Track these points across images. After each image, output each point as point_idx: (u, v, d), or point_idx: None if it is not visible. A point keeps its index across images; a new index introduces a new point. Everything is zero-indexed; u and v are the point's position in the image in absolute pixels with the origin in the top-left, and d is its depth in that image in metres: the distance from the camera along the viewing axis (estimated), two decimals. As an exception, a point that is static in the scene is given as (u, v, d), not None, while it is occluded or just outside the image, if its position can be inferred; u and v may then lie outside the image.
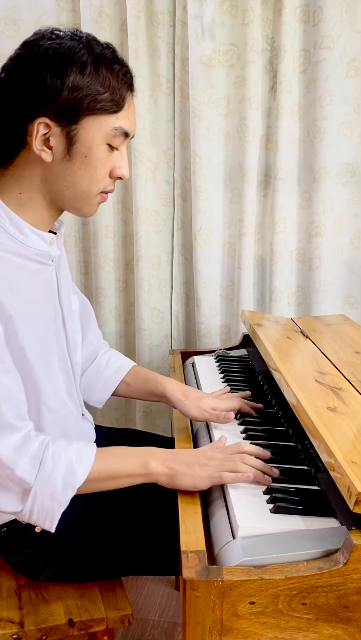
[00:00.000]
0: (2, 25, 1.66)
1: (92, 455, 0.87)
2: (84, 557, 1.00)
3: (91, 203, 0.94)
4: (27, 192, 0.90)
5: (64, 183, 0.90)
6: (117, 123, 0.89)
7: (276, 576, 0.67)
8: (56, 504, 0.84)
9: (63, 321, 1.02)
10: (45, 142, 0.86)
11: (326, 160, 1.57)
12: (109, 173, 0.92)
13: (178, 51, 1.61)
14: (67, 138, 0.86)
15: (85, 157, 0.88)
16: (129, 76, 0.91)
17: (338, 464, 0.74)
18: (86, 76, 0.84)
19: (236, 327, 1.75)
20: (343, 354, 1.20)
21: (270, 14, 1.55)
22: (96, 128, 0.87)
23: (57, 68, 0.83)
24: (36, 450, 0.84)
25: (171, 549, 0.94)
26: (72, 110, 0.85)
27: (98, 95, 0.85)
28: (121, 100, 0.89)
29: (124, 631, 1.49)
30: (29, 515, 0.85)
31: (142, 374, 1.22)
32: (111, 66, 0.87)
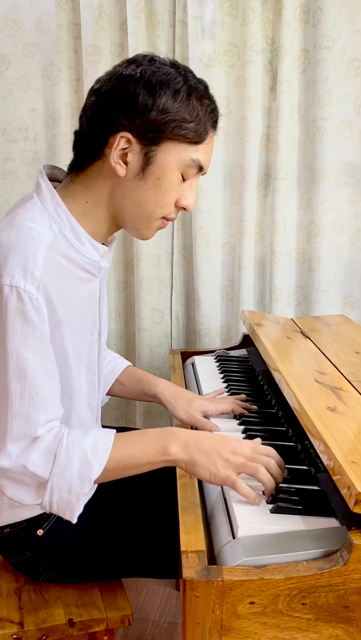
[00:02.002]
0: (2, 25, 1.66)
1: (108, 446, 0.86)
2: (84, 560, 1.00)
3: (151, 226, 0.94)
4: (93, 202, 0.92)
5: (131, 200, 0.90)
6: (195, 155, 0.89)
7: (276, 576, 0.67)
8: (74, 497, 0.84)
9: (99, 334, 1.02)
10: (123, 157, 0.88)
11: (326, 160, 1.57)
12: (176, 202, 0.93)
13: (178, 51, 1.61)
14: (145, 157, 0.87)
15: (158, 179, 0.89)
16: (216, 114, 0.92)
17: (338, 464, 0.74)
18: (177, 102, 0.86)
19: (236, 327, 1.75)
20: (343, 354, 1.20)
21: (270, 14, 1.55)
22: (174, 154, 0.88)
23: (152, 88, 0.85)
24: (50, 444, 0.84)
25: (170, 552, 0.94)
26: (157, 131, 0.86)
27: (184, 122, 0.86)
28: (204, 133, 0.89)
29: (124, 631, 1.49)
30: (50, 506, 0.85)
31: (136, 375, 1.22)
32: (201, 99, 0.89)
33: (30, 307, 0.82)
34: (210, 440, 0.87)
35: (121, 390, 1.23)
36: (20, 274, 0.81)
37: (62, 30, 1.66)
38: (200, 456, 0.84)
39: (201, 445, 0.86)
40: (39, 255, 0.83)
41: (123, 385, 1.22)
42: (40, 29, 1.66)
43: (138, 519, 1.00)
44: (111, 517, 1.00)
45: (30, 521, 0.98)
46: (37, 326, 0.83)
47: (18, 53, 1.68)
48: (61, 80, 1.69)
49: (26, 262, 0.82)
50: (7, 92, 1.70)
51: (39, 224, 0.87)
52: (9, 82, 1.70)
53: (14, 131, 1.74)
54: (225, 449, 0.85)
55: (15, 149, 1.75)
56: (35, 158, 1.76)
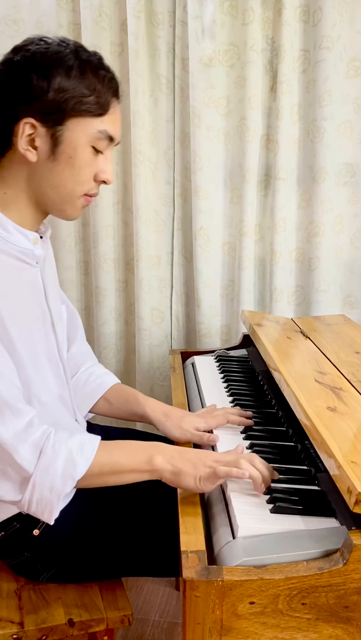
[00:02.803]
0: (2, 25, 1.66)
1: (94, 448, 0.86)
2: (83, 559, 1.00)
3: (75, 205, 0.95)
4: (12, 191, 0.92)
5: (48, 183, 0.91)
6: (101, 126, 0.90)
7: (276, 576, 0.67)
8: (55, 496, 0.83)
9: (53, 325, 1.01)
10: (31, 143, 0.88)
11: (326, 160, 1.57)
12: (94, 177, 0.93)
13: (178, 51, 1.61)
14: (52, 139, 0.88)
15: (69, 158, 0.89)
16: (115, 83, 0.92)
17: (338, 464, 0.74)
18: (71, 79, 0.86)
19: (236, 327, 1.75)
20: (343, 354, 1.20)
21: (270, 14, 1.55)
22: (80, 130, 0.88)
23: (44, 70, 0.85)
24: (38, 439, 0.84)
25: (170, 551, 0.94)
26: (58, 111, 0.86)
27: (84, 97, 0.87)
28: (106, 104, 0.90)
29: (124, 631, 1.49)
30: (28, 505, 0.84)
31: (124, 393, 1.17)
32: (97, 71, 0.89)
33: None
34: (194, 452, 0.89)
35: (108, 409, 1.18)
36: None
37: (62, 30, 1.66)
38: (184, 465, 0.86)
39: (185, 455, 0.88)
40: None
41: (110, 403, 1.17)
42: (40, 29, 1.66)
43: (137, 515, 1.00)
44: (110, 515, 1.00)
45: (24, 522, 0.97)
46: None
47: (18, 53, 1.67)
48: (61, 80, 1.69)
49: None
50: (7, 92, 1.70)
51: None
52: (9, 82, 1.70)
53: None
54: (209, 458, 0.87)
55: None
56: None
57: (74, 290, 1.87)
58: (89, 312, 1.91)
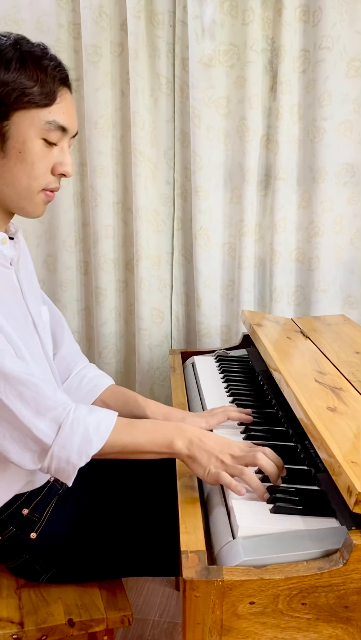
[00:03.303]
0: (2, 25, 1.66)
1: (110, 426, 0.88)
2: (82, 560, 1.00)
3: (34, 202, 0.92)
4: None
5: (2, 181, 0.89)
6: (50, 117, 0.87)
7: (276, 576, 0.67)
8: (71, 467, 0.86)
9: (35, 326, 1.01)
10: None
11: (326, 160, 1.57)
12: (51, 170, 0.91)
13: (178, 51, 1.61)
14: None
15: (19, 152, 0.87)
16: (61, 70, 0.89)
17: (338, 464, 0.74)
18: (11, 72, 0.84)
19: (236, 327, 1.75)
20: (343, 354, 1.20)
21: (270, 14, 1.55)
22: (27, 123, 0.86)
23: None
24: (58, 415, 0.86)
25: (170, 550, 0.94)
26: (1, 105, 0.84)
27: (26, 89, 0.85)
28: (52, 93, 0.87)
29: (124, 631, 1.49)
30: (47, 470, 0.87)
31: (123, 395, 1.16)
32: (39, 61, 0.86)
33: None
34: (214, 441, 0.89)
35: None
36: None
37: (62, 30, 1.66)
38: (200, 454, 0.87)
39: (204, 445, 0.88)
40: None
41: (108, 406, 1.14)
42: (40, 29, 1.66)
43: (136, 515, 1.00)
44: (108, 515, 1.00)
45: (21, 527, 0.97)
46: None
47: (18, 53, 1.67)
48: (61, 80, 1.69)
49: None
50: (7, 92, 1.70)
51: None
52: (9, 82, 1.70)
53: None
54: (225, 450, 0.87)
55: None
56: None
57: (74, 290, 1.87)
58: (89, 312, 1.91)
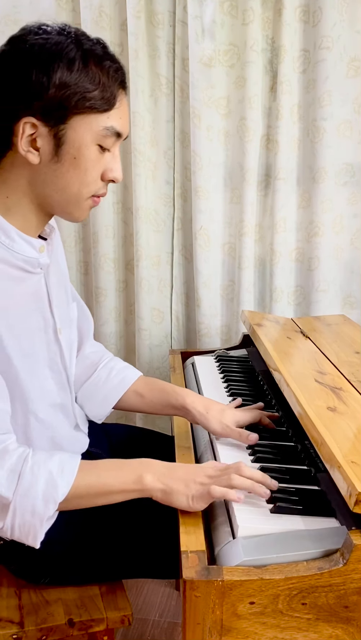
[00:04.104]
0: (2, 25, 1.66)
1: (74, 468, 0.82)
2: (82, 564, 0.99)
3: (82, 207, 0.89)
4: (14, 195, 0.86)
5: (53, 186, 0.85)
6: (108, 122, 0.84)
7: (276, 576, 0.67)
8: (37, 519, 0.80)
9: (55, 332, 0.97)
10: (32, 143, 0.82)
11: (325, 160, 1.57)
12: (101, 176, 0.87)
13: (178, 51, 1.61)
14: (55, 139, 0.82)
15: (74, 158, 0.83)
16: (121, 73, 0.85)
17: (338, 464, 0.74)
18: (73, 73, 0.79)
19: (236, 327, 1.75)
20: (343, 354, 1.20)
21: (270, 14, 1.55)
22: (85, 128, 0.82)
23: (43, 64, 0.78)
24: (14, 464, 0.80)
25: (170, 552, 0.93)
26: (60, 109, 0.80)
27: (87, 92, 0.80)
28: (112, 98, 0.83)
29: (124, 631, 1.49)
30: (11, 531, 0.81)
31: (159, 385, 1.13)
32: (101, 62, 0.82)
33: None
34: (184, 469, 0.85)
35: (140, 402, 1.14)
36: None
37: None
38: (175, 483, 0.82)
39: (176, 473, 0.84)
40: None
41: (143, 396, 1.13)
42: (40, 29, 1.66)
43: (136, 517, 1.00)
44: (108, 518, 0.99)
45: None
46: None
47: (18, 53, 1.67)
48: (61, 80, 1.69)
49: None
50: (7, 92, 1.70)
51: None
52: (9, 82, 1.70)
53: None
54: (200, 474, 0.83)
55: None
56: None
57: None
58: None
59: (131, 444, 1.23)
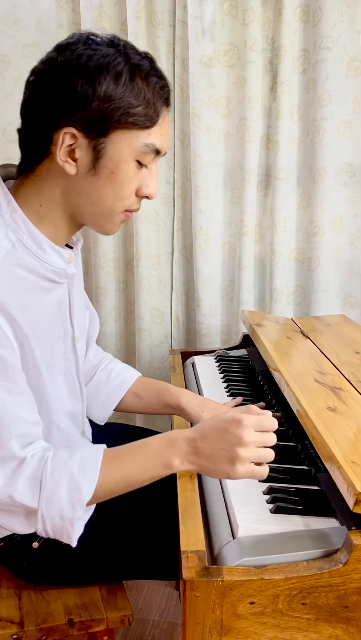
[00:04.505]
0: (2, 25, 1.66)
1: (97, 465, 0.80)
2: (82, 567, 0.99)
3: (114, 221, 0.88)
4: (47, 204, 0.85)
5: (87, 198, 0.84)
6: (149, 139, 0.82)
7: (276, 576, 0.67)
8: (67, 522, 0.79)
9: (73, 341, 0.97)
10: (70, 154, 0.81)
11: (326, 160, 1.57)
12: (136, 191, 0.86)
13: (178, 51, 1.61)
14: (94, 151, 0.81)
15: (111, 173, 0.82)
16: (167, 90, 0.85)
17: (338, 464, 0.74)
18: (119, 86, 0.79)
19: (236, 327, 1.75)
20: (343, 354, 1.20)
21: (270, 14, 1.55)
22: (125, 143, 0.81)
23: (90, 75, 0.78)
24: (34, 470, 0.79)
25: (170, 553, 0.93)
26: (102, 122, 0.79)
27: (131, 108, 0.79)
28: (155, 115, 0.82)
29: (124, 631, 1.49)
30: (46, 534, 0.81)
31: (154, 386, 1.14)
32: (147, 78, 0.82)
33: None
34: (210, 440, 0.80)
35: (138, 403, 1.14)
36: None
37: (62, 30, 1.66)
38: (208, 462, 0.79)
39: (204, 450, 0.79)
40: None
41: (140, 397, 1.14)
42: (41, 29, 1.66)
43: (137, 520, 1.00)
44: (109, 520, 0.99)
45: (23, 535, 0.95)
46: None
47: (18, 53, 1.68)
48: (61, 80, 1.69)
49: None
50: (7, 92, 1.70)
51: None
52: (9, 82, 1.70)
53: (14, 131, 1.71)
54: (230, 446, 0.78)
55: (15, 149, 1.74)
56: (35, 158, 1.76)
57: (74, 290, 1.87)
58: (89, 312, 1.91)
59: None
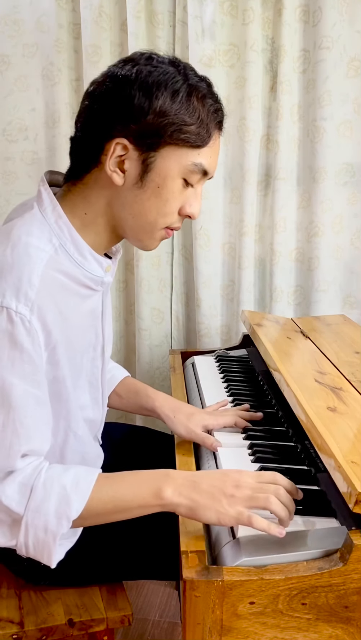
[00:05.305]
0: (2, 25, 1.66)
1: (90, 482, 0.79)
2: (82, 566, 0.99)
3: (154, 237, 0.89)
4: (92, 213, 0.86)
5: (130, 210, 0.85)
6: (198, 159, 0.84)
7: (276, 576, 0.67)
8: (50, 537, 0.76)
9: (103, 349, 0.98)
10: (120, 165, 0.82)
11: (326, 160, 1.57)
12: (179, 210, 0.87)
13: (178, 51, 1.61)
14: (143, 164, 0.82)
15: (158, 187, 0.83)
16: (221, 114, 0.87)
17: (338, 464, 0.74)
18: (175, 103, 0.80)
19: (236, 327, 1.75)
20: (343, 354, 1.20)
21: (270, 14, 1.55)
22: (175, 160, 0.82)
23: (148, 89, 0.79)
24: (27, 477, 0.78)
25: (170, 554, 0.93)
26: (155, 136, 0.80)
27: (184, 125, 0.81)
28: (207, 136, 0.84)
29: (124, 631, 1.49)
30: (26, 548, 0.79)
31: (134, 387, 1.17)
32: (203, 99, 0.83)
33: (21, 330, 0.76)
34: (208, 478, 0.78)
35: (119, 402, 1.18)
36: (13, 294, 0.76)
37: (62, 30, 1.66)
38: (201, 497, 0.75)
39: (199, 485, 0.77)
40: (34, 275, 0.78)
41: (121, 397, 1.17)
42: (41, 29, 1.66)
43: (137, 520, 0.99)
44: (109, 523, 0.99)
45: None
46: (27, 351, 0.77)
47: (18, 53, 1.67)
48: (61, 80, 1.69)
49: (20, 282, 0.77)
50: (7, 92, 1.70)
51: (37, 238, 0.81)
52: (9, 82, 1.70)
53: (14, 131, 1.74)
54: (227, 484, 0.76)
55: (15, 149, 1.75)
56: (35, 158, 1.76)
57: (74, 290, 1.87)
58: (89, 312, 1.91)
59: (131, 443, 1.23)
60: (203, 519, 0.76)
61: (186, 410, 1.07)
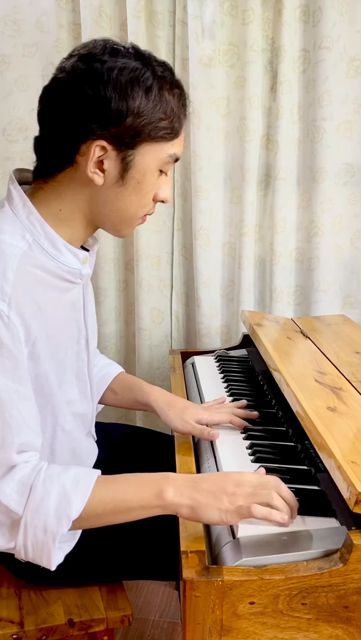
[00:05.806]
0: (2, 25, 1.66)
1: (91, 482, 0.78)
2: (82, 566, 0.99)
3: (132, 226, 0.92)
4: (68, 210, 0.87)
5: (111, 207, 0.87)
6: (172, 150, 0.86)
7: (276, 576, 0.67)
8: (50, 537, 0.76)
9: (87, 342, 0.98)
10: (99, 165, 0.83)
11: (326, 160, 1.57)
12: (153, 197, 0.90)
13: (178, 51, 1.61)
14: (122, 163, 0.83)
15: (138, 183, 0.85)
16: (185, 99, 0.87)
17: (338, 464, 0.74)
18: (150, 101, 0.81)
19: (236, 327, 1.75)
20: (343, 354, 1.20)
21: (270, 14, 1.55)
22: (152, 154, 0.84)
23: (123, 90, 0.79)
24: (26, 476, 0.77)
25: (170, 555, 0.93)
26: (134, 136, 0.82)
27: (159, 122, 0.82)
28: (179, 127, 0.86)
29: (124, 631, 1.49)
30: (24, 551, 0.78)
31: (128, 382, 1.17)
32: (171, 89, 0.84)
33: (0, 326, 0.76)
34: (209, 479, 0.79)
35: (114, 399, 1.18)
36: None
37: (62, 30, 1.66)
38: (202, 496, 0.75)
39: (200, 485, 0.77)
40: (9, 270, 0.78)
41: (116, 393, 1.17)
42: (41, 29, 1.66)
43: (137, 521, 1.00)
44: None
45: None
46: (7, 346, 0.77)
47: (18, 53, 1.67)
48: (61, 80, 1.69)
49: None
50: (7, 92, 1.70)
51: (9, 234, 0.81)
52: (9, 82, 1.70)
53: (14, 131, 1.73)
54: (228, 483, 0.77)
55: (15, 149, 1.75)
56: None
57: (74, 290, 1.87)
58: (89, 312, 1.91)
59: (130, 444, 1.23)
60: (205, 518, 0.75)
61: (180, 404, 1.08)
